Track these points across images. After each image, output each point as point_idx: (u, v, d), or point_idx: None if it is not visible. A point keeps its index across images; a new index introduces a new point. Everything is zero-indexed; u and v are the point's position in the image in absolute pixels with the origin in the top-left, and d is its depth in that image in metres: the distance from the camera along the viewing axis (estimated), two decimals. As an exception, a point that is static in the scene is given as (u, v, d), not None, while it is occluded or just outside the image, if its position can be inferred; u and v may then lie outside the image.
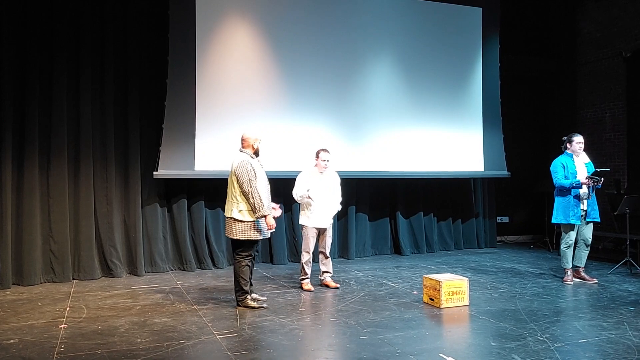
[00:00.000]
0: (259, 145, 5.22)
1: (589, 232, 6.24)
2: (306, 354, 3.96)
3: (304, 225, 5.94)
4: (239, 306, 5.08)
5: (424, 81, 8.31)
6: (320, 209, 5.87)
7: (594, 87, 9.18)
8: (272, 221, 5.02)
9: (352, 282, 6.29)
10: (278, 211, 5.31)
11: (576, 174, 6.15)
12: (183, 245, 7.08)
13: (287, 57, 7.45)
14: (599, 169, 6.31)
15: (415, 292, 5.69)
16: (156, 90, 6.91)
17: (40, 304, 5.31)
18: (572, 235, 6.20)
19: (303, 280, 5.92)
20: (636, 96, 8.52)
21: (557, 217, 6.26)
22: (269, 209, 5.03)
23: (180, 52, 6.86)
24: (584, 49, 9.37)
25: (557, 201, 6.27)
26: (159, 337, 4.19)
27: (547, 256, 8.19)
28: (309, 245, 5.90)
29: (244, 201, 4.96)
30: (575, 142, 6.22)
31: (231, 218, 5.02)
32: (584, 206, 6.16)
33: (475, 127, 8.71)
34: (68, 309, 5.09)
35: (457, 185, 9.01)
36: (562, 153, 6.34)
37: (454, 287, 5.10)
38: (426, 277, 5.31)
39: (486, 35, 8.79)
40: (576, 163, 6.21)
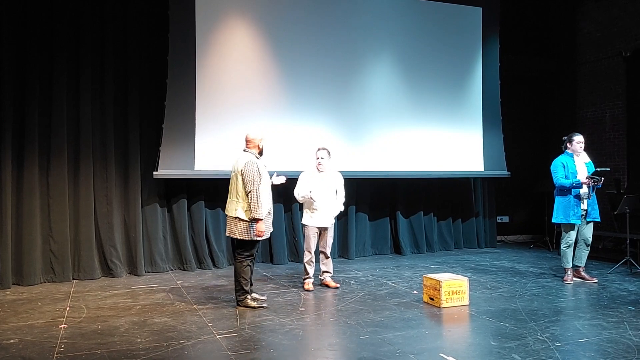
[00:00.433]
0: (264, 146, 5.24)
1: (589, 231, 6.24)
2: (306, 353, 3.96)
3: (305, 224, 5.95)
4: (239, 306, 5.08)
5: (424, 81, 8.32)
6: (321, 208, 5.87)
7: (594, 86, 9.18)
8: (262, 227, 4.97)
9: (352, 282, 6.29)
10: (282, 178, 5.49)
11: (576, 173, 6.15)
12: (183, 245, 7.08)
13: (287, 57, 7.45)
14: (599, 169, 6.31)
15: (415, 292, 5.69)
16: (156, 90, 6.92)
17: (40, 303, 5.31)
18: (573, 234, 6.20)
19: (305, 279, 5.94)
20: (636, 96, 8.52)
21: (557, 217, 6.26)
22: (268, 212, 5.03)
23: (180, 52, 6.87)
24: (584, 48, 9.37)
25: (558, 201, 6.27)
26: (159, 336, 4.19)
27: (547, 256, 8.19)
28: (310, 245, 5.92)
29: (246, 200, 4.97)
30: (576, 141, 6.21)
31: (235, 217, 5.01)
32: (584, 206, 6.15)
33: (475, 127, 8.71)
34: (68, 308, 5.09)
35: (457, 185, 9.01)
36: (562, 153, 6.34)
37: (454, 287, 5.10)
38: (426, 277, 5.31)
39: (486, 35, 8.80)
40: (576, 163, 6.21)
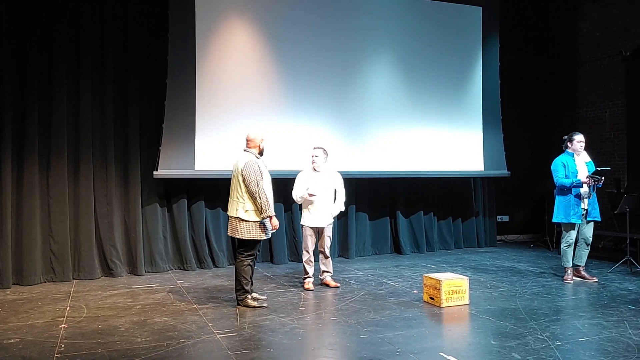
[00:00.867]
0: (264, 145, 5.25)
1: (589, 231, 6.24)
2: (306, 353, 3.96)
3: (303, 224, 5.98)
4: (239, 305, 5.09)
5: (424, 81, 8.31)
6: (317, 208, 5.88)
7: (594, 86, 9.18)
8: (276, 222, 5.06)
9: (352, 282, 6.29)
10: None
11: (577, 173, 6.15)
12: (183, 244, 7.08)
13: (287, 57, 7.45)
14: (599, 168, 6.31)
15: (415, 291, 5.69)
16: (156, 90, 6.92)
17: (40, 303, 5.31)
18: (573, 234, 6.20)
19: (305, 279, 5.95)
20: (636, 95, 8.52)
21: (557, 216, 6.26)
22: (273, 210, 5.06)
23: (180, 52, 6.87)
24: (584, 48, 9.37)
25: (558, 200, 6.27)
26: (159, 336, 4.19)
27: (547, 255, 8.19)
28: (308, 245, 5.95)
29: (251, 201, 4.97)
30: (576, 140, 6.21)
31: (237, 217, 5.01)
32: (584, 205, 6.15)
33: (475, 127, 8.71)
34: (68, 308, 5.10)
35: (457, 185, 9.01)
36: (562, 152, 6.34)
37: (454, 286, 5.10)
38: (426, 276, 5.31)
39: (486, 35, 8.80)
40: (577, 162, 6.21)
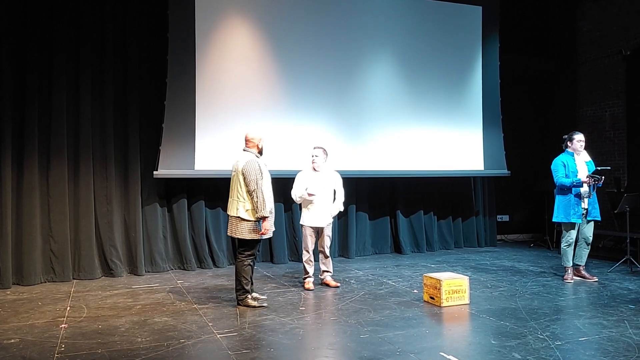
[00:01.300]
0: (263, 145, 5.25)
1: (589, 230, 6.24)
2: (306, 352, 3.96)
3: (302, 224, 5.98)
4: (239, 305, 5.09)
5: (424, 80, 8.31)
6: (317, 208, 5.88)
7: (594, 85, 9.18)
8: (268, 225, 5.01)
9: (352, 281, 6.29)
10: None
11: (577, 172, 6.15)
12: (183, 244, 7.08)
13: (287, 57, 7.44)
14: (599, 168, 6.31)
15: (415, 291, 5.69)
16: (156, 90, 6.92)
17: (40, 303, 5.31)
18: (573, 233, 6.20)
19: (305, 279, 5.96)
20: (636, 94, 8.52)
21: (557, 216, 6.26)
22: (270, 211, 5.04)
23: (180, 52, 6.86)
24: (584, 48, 9.37)
25: (558, 200, 6.27)
26: (160, 336, 4.19)
27: (547, 255, 8.19)
28: (308, 245, 5.95)
29: (250, 200, 4.97)
30: (576, 140, 6.21)
31: (237, 217, 5.01)
32: (584, 205, 6.15)
33: (475, 126, 8.71)
34: (68, 308, 5.09)
35: (457, 184, 9.01)
36: (562, 152, 6.34)
37: (454, 286, 5.10)
38: (426, 276, 5.31)
39: (486, 35, 8.80)
40: (577, 161, 6.21)
